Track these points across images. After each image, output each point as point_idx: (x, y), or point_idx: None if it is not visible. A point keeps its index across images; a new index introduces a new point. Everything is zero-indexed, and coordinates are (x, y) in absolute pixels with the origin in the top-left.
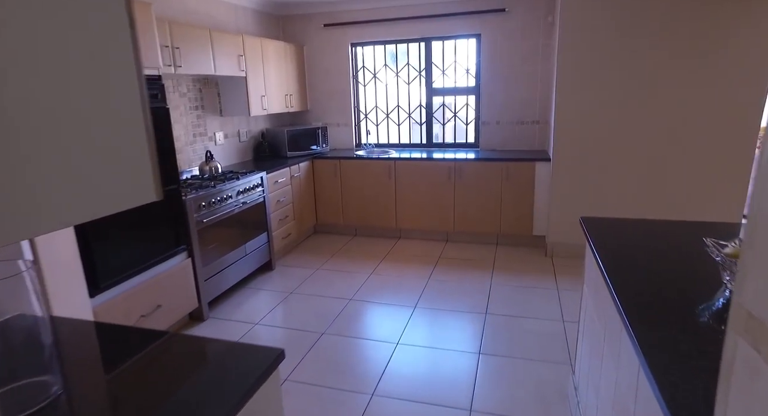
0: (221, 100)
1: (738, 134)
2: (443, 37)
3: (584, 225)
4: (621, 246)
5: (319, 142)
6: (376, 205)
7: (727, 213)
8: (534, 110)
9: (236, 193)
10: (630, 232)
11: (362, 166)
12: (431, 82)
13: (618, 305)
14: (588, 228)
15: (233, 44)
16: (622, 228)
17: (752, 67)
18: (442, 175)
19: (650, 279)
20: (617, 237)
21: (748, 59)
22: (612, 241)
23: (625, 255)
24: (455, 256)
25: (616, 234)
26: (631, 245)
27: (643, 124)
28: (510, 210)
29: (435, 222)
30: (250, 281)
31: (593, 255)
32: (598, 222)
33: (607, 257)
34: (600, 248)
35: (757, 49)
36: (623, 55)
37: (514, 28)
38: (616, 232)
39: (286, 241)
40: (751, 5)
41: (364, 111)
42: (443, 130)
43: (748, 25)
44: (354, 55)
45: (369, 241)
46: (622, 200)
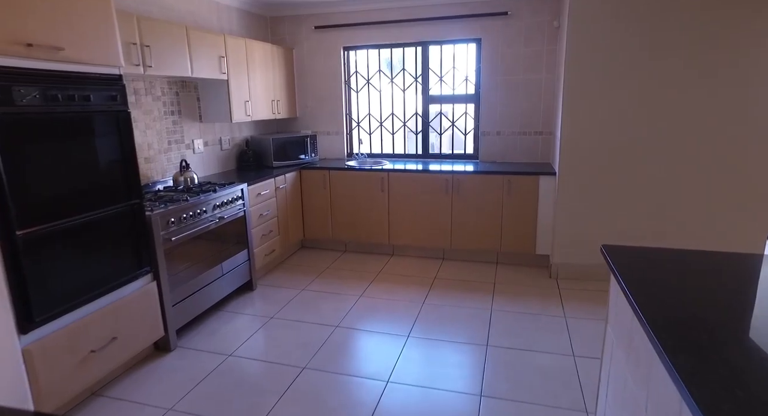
0: (201, 105)
1: (764, 153)
2: (441, 42)
3: (608, 256)
4: (653, 282)
5: (307, 152)
6: (368, 219)
7: (750, 238)
8: (537, 120)
9: (212, 207)
10: (661, 265)
11: (353, 177)
12: (428, 89)
13: (666, 361)
14: (612, 259)
15: (214, 44)
16: (650, 259)
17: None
18: (439, 188)
19: (697, 321)
20: (647, 271)
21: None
22: (641, 275)
23: (661, 292)
24: (452, 277)
25: (645, 268)
26: (664, 280)
27: (657, 139)
28: (511, 227)
29: (430, 238)
30: (227, 303)
31: (625, 294)
32: (622, 251)
33: (639, 294)
34: (631, 285)
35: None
36: (637, 63)
37: (517, 32)
38: (645, 265)
39: (270, 258)
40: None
41: (356, 119)
42: (440, 140)
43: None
44: (346, 60)
45: (359, 258)
46: (634, 219)
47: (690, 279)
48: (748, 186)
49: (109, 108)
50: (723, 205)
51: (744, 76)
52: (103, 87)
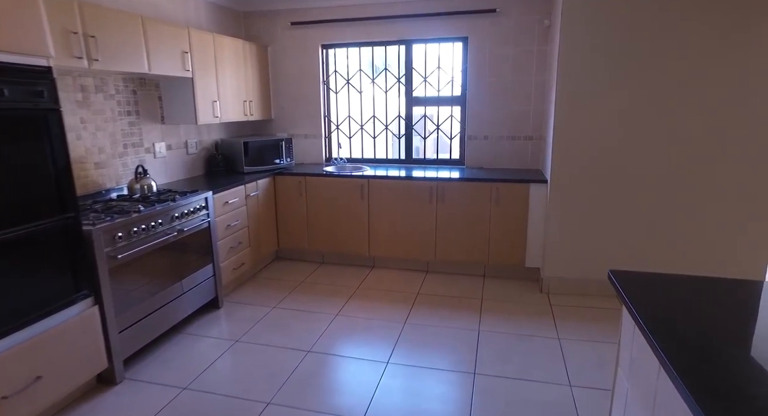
0: (163, 105)
1: (765, 158)
2: (425, 40)
3: (620, 288)
4: (671, 315)
5: (282, 156)
6: (347, 228)
7: (750, 248)
8: (527, 124)
9: (171, 219)
10: (675, 295)
11: (331, 183)
12: (411, 90)
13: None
14: (626, 291)
15: (176, 38)
16: (668, 290)
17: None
18: (423, 196)
19: (725, 359)
20: (669, 309)
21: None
22: (664, 315)
23: (681, 326)
24: (437, 292)
25: (665, 304)
26: (682, 311)
27: (656, 145)
28: (500, 238)
29: (413, 250)
30: (188, 325)
31: (652, 344)
32: (634, 280)
33: (658, 331)
34: (656, 332)
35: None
36: (635, 65)
37: (506, 31)
38: (665, 301)
39: (239, 272)
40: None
41: (335, 121)
42: (424, 145)
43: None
44: (325, 58)
45: (337, 271)
46: (630, 230)
47: (722, 322)
48: (749, 195)
49: (34, 106)
50: (723, 214)
51: (746, 80)
52: (23, 80)
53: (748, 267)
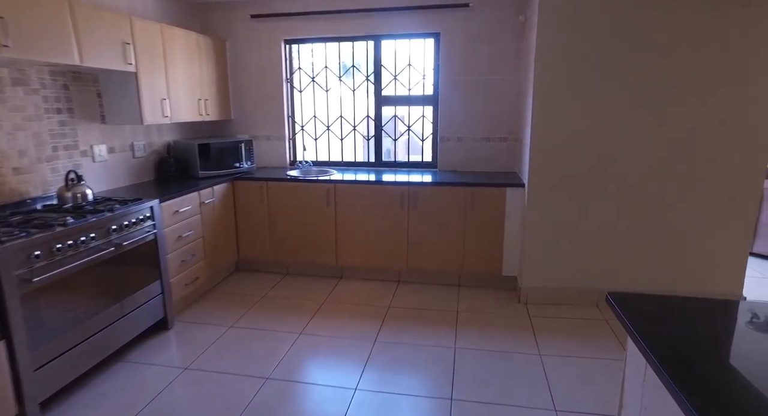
0: (103, 103)
1: (747, 160)
2: (395, 36)
3: (620, 311)
4: (692, 351)
5: (242, 159)
6: (312, 237)
7: (730, 250)
8: (502, 125)
9: (107, 231)
10: (690, 323)
11: (295, 189)
12: (381, 89)
13: None
14: (628, 316)
15: (115, 27)
16: (672, 311)
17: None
18: (393, 202)
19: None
20: (675, 332)
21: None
22: (670, 340)
23: (710, 367)
24: (409, 304)
25: (671, 326)
26: (704, 343)
27: (639, 148)
28: (475, 246)
29: (384, 259)
30: (131, 351)
31: (660, 373)
32: (635, 303)
33: (682, 378)
34: (666, 361)
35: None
36: (616, 64)
37: (479, 27)
38: (670, 322)
39: (193, 288)
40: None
41: (300, 122)
42: (395, 147)
43: (760, 33)
44: (288, 54)
45: (303, 283)
46: (611, 238)
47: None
48: (729, 199)
49: None
50: (704, 220)
51: (735, 79)
52: None
53: (727, 277)
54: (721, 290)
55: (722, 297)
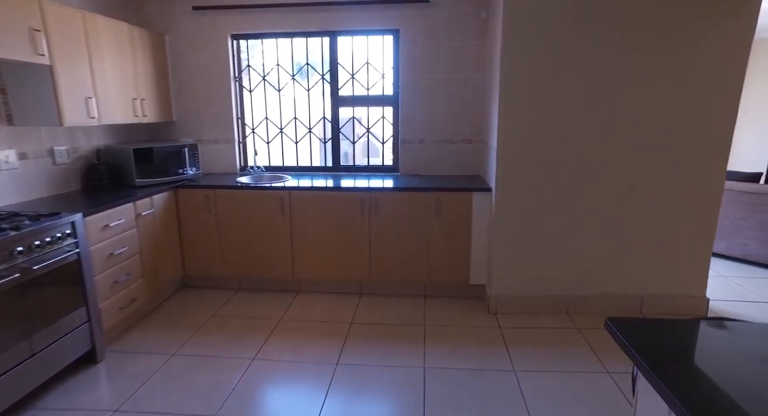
0: (9, 100)
1: (709, 169)
2: (352, 32)
3: (627, 342)
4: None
5: (185, 165)
6: (266, 248)
7: (697, 256)
8: (465, 126)
9: (10, 254)
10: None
11: (246, 197)
12: (337, 88)
13: None
14: (638, 351)
15: (18, 10)
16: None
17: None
18: (353, 209)
19: None
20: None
21: (724, 73)
22: (695, 381)
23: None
24: (373, 319)
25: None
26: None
27: (610, 149)
28: (441, 254)
29: (345, 270)
30: (47, 393)
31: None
32: (642, 332)
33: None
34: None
35: (732, 58)
36: (586, 64)
37: (440, 23)
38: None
39: (130, 311)
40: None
41: (251, 124)
42: (353, 150)
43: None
44: (236, 51)
45: (257, 299)
46: (581, 244)
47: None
48: (693, 200)
49: None
50: (670, 221)
51: (697, 81)
52: None
53: (691, 277)
54: (686, 291)
55: (687, 297)
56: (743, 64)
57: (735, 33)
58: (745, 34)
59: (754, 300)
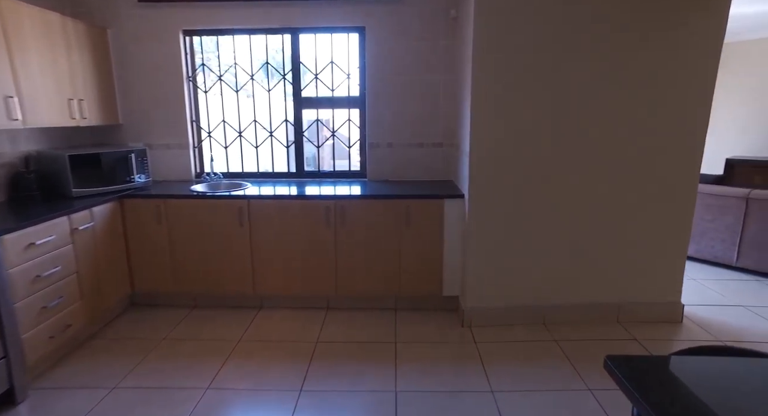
0: None
1: (682, 173)
2: (315, 29)
3: (627, 382)
4: None
5: (132, 172)
6: (224, 262)
7: (670, 273)
8: (436, 129)
9: None
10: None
11: (201, 207)
12: (300, 89)
13: None
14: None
15: None
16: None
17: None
18: (319, 218)
19: None
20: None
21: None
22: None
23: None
24: (341, 337)
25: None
26: None
27: (586, 156)
28: (412, 265)
29: (310, 284)
30: None
31: None
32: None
33: None
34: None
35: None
36: (562, 63)
37: (408, 21)
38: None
39: (63, 338)
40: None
41: (207, 128)
42: (318, 155)
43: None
44: (189, 48)
45: (214, 318)
46: (556, 249)
47: None
48: (667, 205)
49: None
50: (645, 226)
51: (667, 84)
52: None
53: (666, 283)
54: (662, 297)
55: (663, 304)
56: (714, 68)
57: (705, 35)
58: (716, 35)
59: (725, 304)
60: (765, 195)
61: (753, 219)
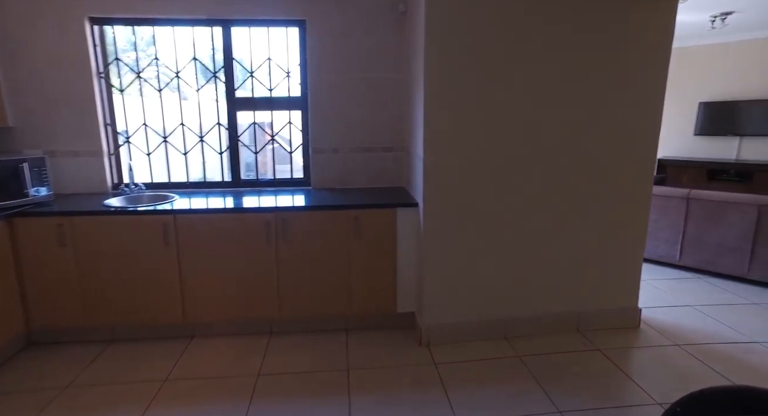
0: None
1: (637, 178)
2: (249, 22)
3: None
4: None
5: (26, 185)
6: (147, 287)
7: (624, 281)
8: (385, 133)
9: None
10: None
11: (117, 224)
12: (233, 89)
13: None
14: None
15: None
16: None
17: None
18: (258, 233)
19: None
20: None
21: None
22: None
23: None
24: (286, 367)
25: None
26: None
27: (549, 157)
28: (364, 281)
29: (249, 307)
30: None
31: None
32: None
33: None
34: None
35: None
36: (522, 62)
37: (353, 15)
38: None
39: None
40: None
41: (124, 132)
42: (256, 161)
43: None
44: (99, 40)
45: (136, 353)
46: (515, 259)
47: None
48: (623, 210)
49: None
50: (601, 232)
51: (621, 86)
52: None
53: (623, 289)
54: (620, 303)
55: (621, 310)
56: (664, 69)
57: (656, 34)
58: (665, 36)
59: (674, 305)
60: (703, 195)
61: (692, 218)
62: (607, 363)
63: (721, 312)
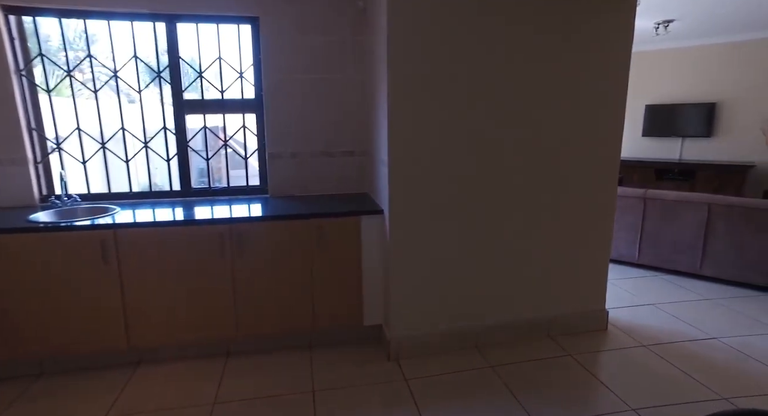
0: None
1: (602, 180)
2: (197, 17)
3: None
4: None
5: None
6: (83, 312)
7: (594, 273)
8: (346, 136)
9: None
10: None
11: (44, 242)
12: (181, 90)
13: None
14: None
15: None
16: None
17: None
18: (211, 247)
19: None
20: None
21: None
22: None
23: None
24: (245, 392)
25: None
26: None
27: (506, 163)
28: (328, 294)
29: (203, 327)
30: None
31: None
32: None
33: None
34: None
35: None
36: (492, 63)
37: (309, 12)
38: None
39: None
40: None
41: (54, 138)
42: (208, 169)
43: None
44: (17, 32)
45: (70, 388)
46: (484, 266)
47: None
48: (589, 212)
49: None
50: (568, 236)
51: (585, 82)
52: None
53: (590, 292)
54: (588, 306)
55: (588, 312)
56: (626, 69)
57: (617, 35)
58: (626, 37)
59: (637, 304)
60: (658, 194)
61: (649, 217)
62: (580, 370)
63: (681, 310)
